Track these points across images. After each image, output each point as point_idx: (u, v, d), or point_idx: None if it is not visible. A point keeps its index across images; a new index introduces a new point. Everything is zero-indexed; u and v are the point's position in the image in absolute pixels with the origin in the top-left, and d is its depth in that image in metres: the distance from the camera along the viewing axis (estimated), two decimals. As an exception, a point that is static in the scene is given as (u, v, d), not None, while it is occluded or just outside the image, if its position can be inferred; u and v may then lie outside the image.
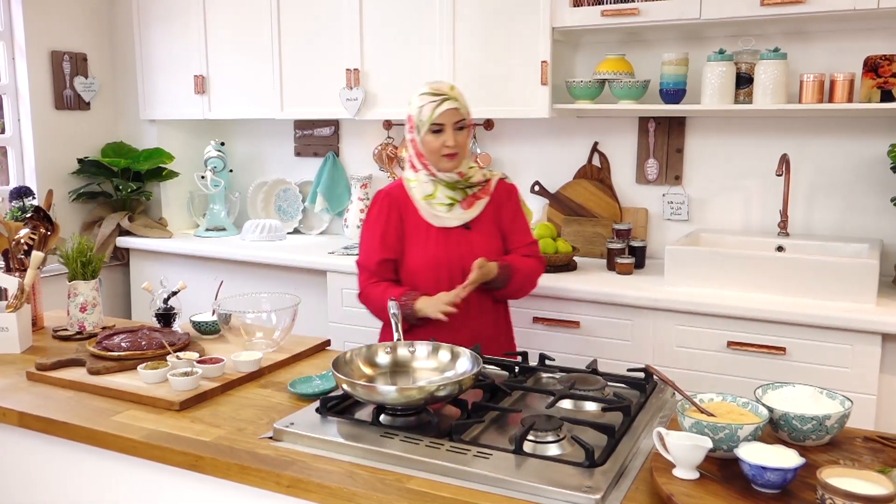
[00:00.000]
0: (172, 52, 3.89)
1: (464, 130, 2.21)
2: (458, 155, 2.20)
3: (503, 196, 2.33)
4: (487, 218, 2.29)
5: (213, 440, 1.53)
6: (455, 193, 2.25)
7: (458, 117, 2.18)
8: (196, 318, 2.20)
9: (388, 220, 2.26)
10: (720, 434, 1.32)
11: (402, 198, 2.28)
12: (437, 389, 1.51)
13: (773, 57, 2.71)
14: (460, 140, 2.19)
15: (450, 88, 2.22)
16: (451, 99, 2.18)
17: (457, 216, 2.25)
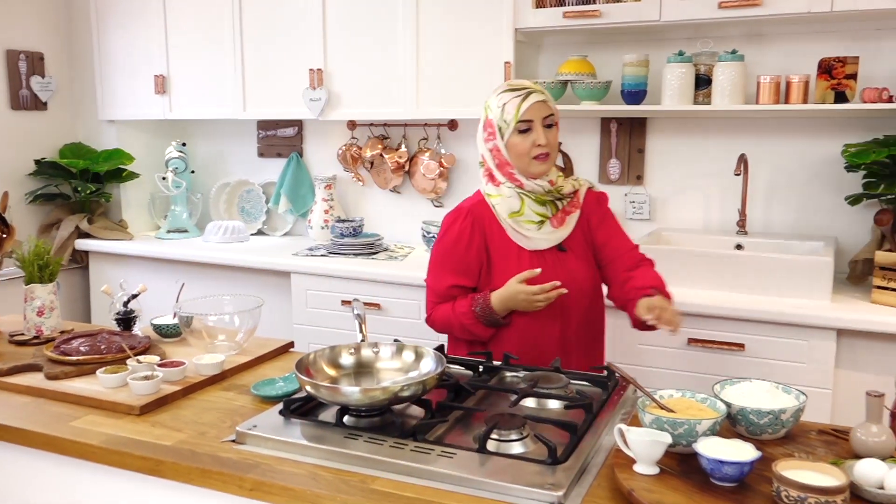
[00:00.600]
0: (132, 52, 3.83)
1: (553, 128, 1.98)
2: (549, 156, 1.96)
3: (592, 206, 2.07)
4: (579, 235, 2.04)
5: (174, 444, 1.51)
6: (545, 209, 1.99)
7: (546, 111, 1.95)
8: (157, 322, 2.17)
9: (471, 245, 2.00)
10: (679, 429, 1.34)
11: (486, 216, 2.02)
12: (400, 390, 1.51)
13: (730, 59, 2.76)
14: (551, 138, 1.97)
15: (533, 83, 2.00)
16: (536, 91, 1.95)
17: (548, 236, 1.99)
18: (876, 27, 2.75)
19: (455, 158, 3.52)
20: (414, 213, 3.68)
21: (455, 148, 3.56)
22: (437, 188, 3.56)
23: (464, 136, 3.53)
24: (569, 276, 1.99)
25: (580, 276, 2.01)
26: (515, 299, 1.95)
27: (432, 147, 3.57)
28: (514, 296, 1.94)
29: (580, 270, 2.02)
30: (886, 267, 2.44)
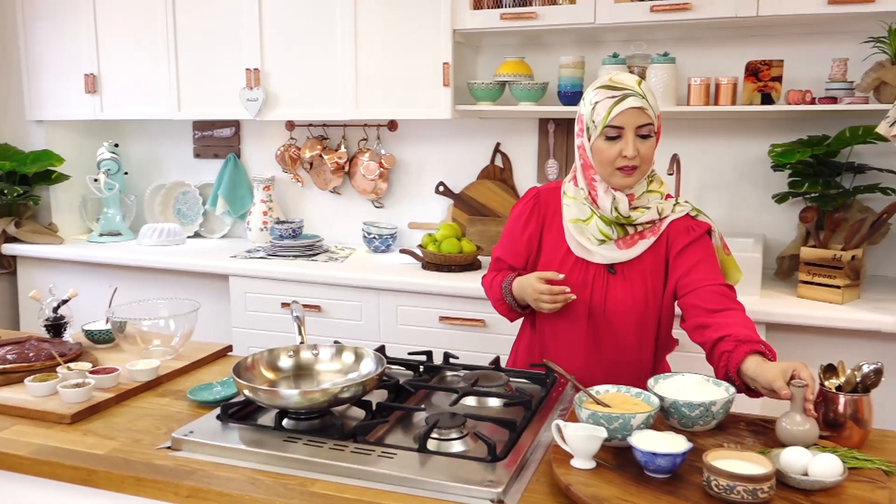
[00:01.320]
0: (61, 49, 3.72)
1: (650, 139, 1.73)
2: (637, 169, 1.74)
3: (679, 233, 1.80)
4: (651, 263, 1.82)
5: (107, 453, 1.47)
6: (610, 230, 1.81)
7: (642, 120, 1.71)
8: (88, 327, 2.11)
9: (525, 228, 1.92)
10: (615, 424, 1.37)
11: (552, 205, 1.90)
12: (340, 391, 1.50)
13: (662, 61, 2.83)
14: (643, 150, 1.72)
15: (636, 83, 1.73)
16: (635, 95, 1.70)
17: (607, 253, 1.81)
18: (800, 32, 2.86)
19: (395, 159, 3.52)
20: (354, 214, 3.66)
21: (395, 148, 3.56)
22: (378, 189, 3.55)
23: (404, 136, 3.54)
24: (604, 295, 1.83)
25: (618, 299, 1.83)
26: (526, 290, 1.83)
27: (372, 148, 3.57)
28: (526, 286, 1.83)
29: (621, 295, 1.83)
30: (811, 262, 2.54)
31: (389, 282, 2.96)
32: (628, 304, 1.83)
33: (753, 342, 1.60)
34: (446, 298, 2.87)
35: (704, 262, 1.78)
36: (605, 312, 1.84)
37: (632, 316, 1.84)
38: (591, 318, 1.86)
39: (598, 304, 1.84)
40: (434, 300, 2.89)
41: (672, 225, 1.82)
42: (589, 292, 1.84)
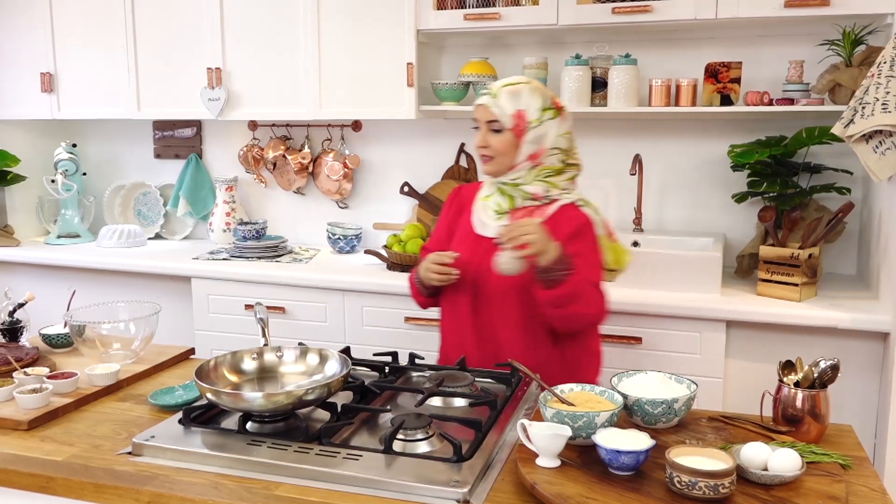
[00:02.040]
0: (15, 47, 3.63)
1: (500, 134, 1.95)
2: (492, 159, 1.97)
3: (564, 224, 1.92)
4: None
5: (66, 459, 1.44)
6: (504, 200, 1.99)
7: (490, 116, 1.95)
8: (46, 331, 2.07)
9: (445, 217, 2.15)
10: (579, 422, 1.38)
11: (468, 197, 2.13)
12: (305, 393, 1.49)
13: (624, 62, 2.86)
14: (494, 143, 1.95)
15: (503, 86, 1.97)
16: (488, 95, 1.97)
17: (498, 227, 1.91)
18: (757, 34, 2.91)
19: (359, 159, 3.51)
20: (319, 215, 3.64)
21: (359, 149, 3.54)
22: (342, 189, 3.54)
23: (368, 136, 3.52)
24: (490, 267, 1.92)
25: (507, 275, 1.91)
26: (422, 268, 2.01)
27: (336, 148, 3.55)
28: (422, 264, 2.01)
29: None
30: (770, 261, 2.59)
31: (354, 283, 2.94)
32: (510, 278, 1.90)
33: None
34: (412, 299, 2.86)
35: (579, 257, 1.87)
36: (489, 282, 1.97)
37: (514, 290, 1.94)
38: (477, 288, 1.99)
39: (483, 275, 1.97)
40: (399, 301, 2.88)
41: (559, 211, 1.97)
42: (476, 264, 1.98)
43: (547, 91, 2.01)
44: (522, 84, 1.99)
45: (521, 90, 1.97)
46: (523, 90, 1.97)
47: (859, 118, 2.25)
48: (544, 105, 1.97)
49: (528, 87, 1.98)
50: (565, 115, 2.02)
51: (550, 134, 1.97)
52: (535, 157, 1.96)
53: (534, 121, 1.95)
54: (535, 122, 1.95)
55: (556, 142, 1.98)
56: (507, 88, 1.97)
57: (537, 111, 1.96)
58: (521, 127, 1.95)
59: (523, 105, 1.95)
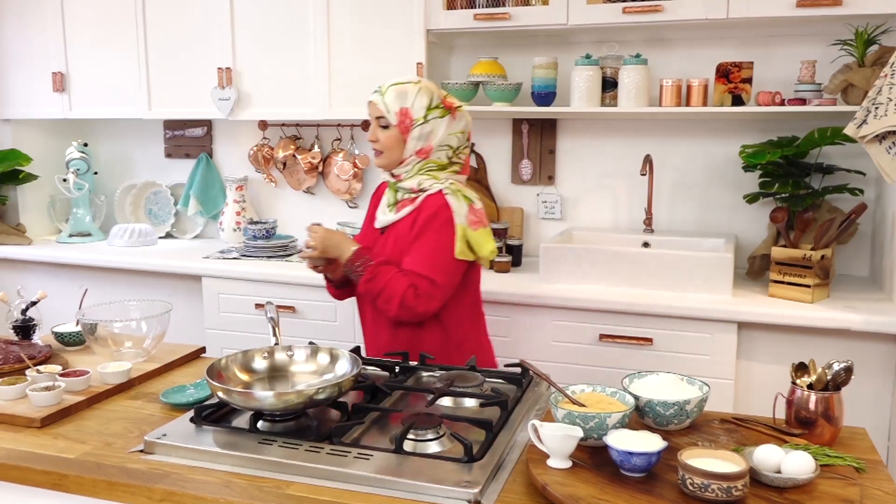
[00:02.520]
0: (28, 47, 3.65)
1: (388, 130, 2.08)
2: (382, 154, 2.11)
3: (425, 212, 2.04)
4: (403, 230, 2.08)
5: (78, 457, 1.45)
6: (391, 195, 2.14)
7: (376, 112, 2.10)
8: (58, 329, 2.08)
9: (370, 209, 2.27)
10: (590, 423, 1.38)
11: (382, 190, 2.25)
12: (315, 393, 1.49)
13: (634, 62, 2.85)
14: (383, 138, 2.09)
15: (392, 84, 2.10)
16: (376, 92, 2.10)
17: (385, 218, 2.13)
18: (769, 34, 2.90)
19: (369, 159, 3.51)
20: (328, 215, 3.64)
21: (369, 149, 3.54)
22: (352, 189, 3.54)
23: (378, 136, 3.52)
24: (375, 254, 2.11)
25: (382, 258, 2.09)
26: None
27: (346, 148, 3.55)
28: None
29: (382, 255, 2.08)
30: (782, 262, 2.58)
31: (364, 282, 2.94)
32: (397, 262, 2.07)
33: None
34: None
35: (423, 247, 2.02)
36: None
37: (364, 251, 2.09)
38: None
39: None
40: (409, 300, 2.88)
41: (425, 199, 2.07)
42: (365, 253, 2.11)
43: (438, 92, 2.12)
44: (411, 84, 2.10)
45: (408, 90, 2.09)
46: (410, 90, 2.09)
47: (872, 118, 2.24)
48: (431, 104, 2.08)
49: (416, 87, 2.10)
50: (458, 115, 2.12)
51: (438, 132, 2.08)
52: (423, 153, 2.09)
53: (419, 119, 2.07)
54: (420, 120, 2.07)
55: (446, 140, 2.09)
56: (395, 87, 2.09)
57: (422, 109, 2.07)
58: (405, 124, 2.07)
59: (408, 104, 2.07)
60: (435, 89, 2.12)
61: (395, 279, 1.99)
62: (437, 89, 2.13)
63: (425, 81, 2.13)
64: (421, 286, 1.98)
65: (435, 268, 2.01)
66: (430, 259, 2.01)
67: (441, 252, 2.01)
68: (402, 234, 2.07)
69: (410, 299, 1.97)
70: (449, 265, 2.02)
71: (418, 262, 2.01)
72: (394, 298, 1.97)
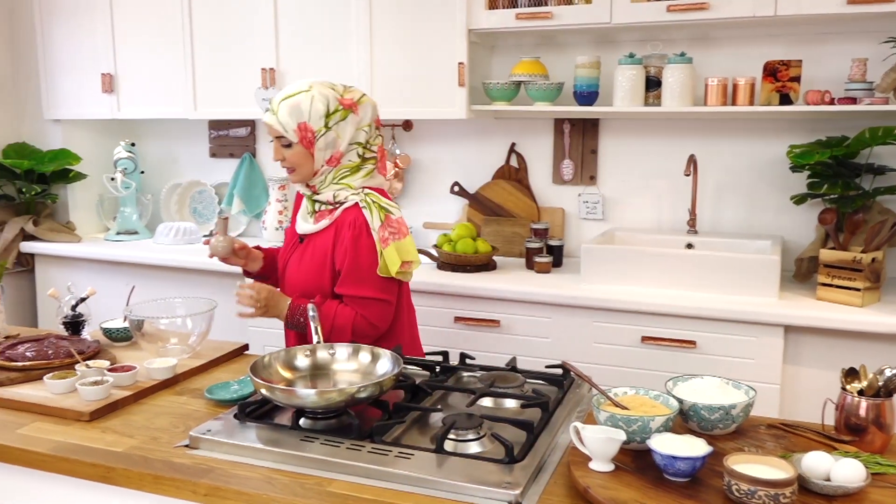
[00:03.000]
0: (78, 49, 3.74)
1: (292, 148, 1.98)
2: (294, 172, 2.02)
3: (344, 228, 1.98)
4: (321, 242, 2.03)
5: (126, 450, 1.48)
6: (308, 204, 2.09)
7: (274, 133, 1.99)
8: (106, 325, 2.13)
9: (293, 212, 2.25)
10: (633, 426, 1.36)
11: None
12: (357, 391, 1.50)
13: (679, 61, 2.81)
14: (289, 156, 1.99)
15: (282, 98, 1.97)
16: (269, 112, 1.98)
17: (304, 226, 2.08)
18: (818, 31, 2.83)
19: (410, 159, 3.52)
20: (369, 214, 3.66)
21: (410, 148, 3.55)
22: (393, 189, 3.55)
23: (419, 136, 3.53)
24: (293, 261, 2.10)
25: (299, 268, 2.07)
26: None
27: (387, 147, 3.57)
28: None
29: (300, 265, 2.07)
30: (830, 264, 2.52)
31: (404, 282, 2.95)
32: (301, 273, 2.07)
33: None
34: (461, 299, 2.87)
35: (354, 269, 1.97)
36: (286, 276, 2.12)
37: (296, 285, 2.07)
38: (282, 281, 2.15)
39: (282, 269, 2.15)
40: (450, 300, 2.88)
41: (343, 213, 2.01)
42: (285, 258, 2.14)
43: (332, 91, 1.98)
44: (302, 94, 1.96)
45: (300, 101, 1.95)
46: (302, 101, 1.95)
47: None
48: (329, 110, 1.96)
49: (308, 95, 1.96)
50: (359, 109, 2.00)
51: (344, 135, 1.98)
52: (334, 161, 2.00)
53: (320, 129, 1.96)
54: (322, 130, 1.96)
55: (354, 137, 2.00)
56: (287, 102, 1.95)
57: (321, 118, 1.95)
58: (308, 139, 1.97)
59: (304, 117, 1.95)
60: (328, 90, 1.98)
61: (340, 315, 1.95)
62: (330, 88, 1.99)
63: (316, 84, 1.98)
64: (367, 310, 1.97)
65: (371, 286, 1.97)
66: (363, 278, 1.97)
67: (371, 268, 1.97)
68: (322, 246, 2.02)
69: (362, 328, 1.97)
70: (376, 278, 1.98)
71: (353, 285, 1.97)
72: (345, 331, 1.94)
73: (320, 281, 2.02)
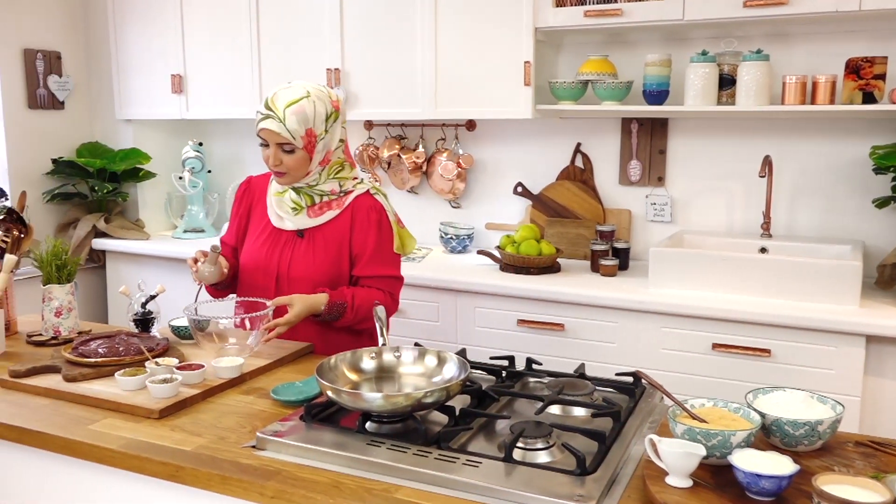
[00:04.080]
0: (149, 51, 3.82)
1: (294, 153, 2.00)
2: (286, 175, 2.03)
3: (361, 213, 2.09)
4: (332, 233, 2.09)
5: (194, 449, 1.48)
6: (300, 198, 2.09)
7: (279, 139, 1.98)
8: (175, 323, 2.15)
9: (239, 207, 2.24)
10: (713, 441, 1.30)
11: (260, 188, 2.22)
12: (424, 396, 1.47)
13: (755, 59, 2.71)
14: (288, 161, 2.00)
15: (286, 105, 1.96)
16: (273, 119, 1.97)
17: (298, 221, 2.10)
18: (905, 27, 2.70)
19: (473, 159, 3.49)
20: (432, 214, 3.65)
21: (473, 148, 3.52)
22: (455, 189, 3.53)
23: (482, 136, 3.50)
24: (293, 257, 2.10)
25: (304, 262, 2.09)
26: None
27: (450, 147, 3.54)
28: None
29: (306, 258, 2.09)
30: (916, 272, 2.39)
31: (467, 283, 2.92)
32: (308, 266, 2.08)
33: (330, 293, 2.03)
34: (525, 301, 2.82)
35: (373, 250, 2.09)
36: (290, 274, 2.10)
37: (309, 279, 2.08)
38: (279, 280, 2.12)
39: (285, 268, 2.11)
40: (513, 303, 2.84)
41: (356, 200, 2.10)
42: (278, 255, 2.12)
43: (323, 92, 2.03)
44: (304, 99, 1.98)
45: (305, 107, 1.98)
46: (307, 107, 1.98)
47: None
48: (328, 113, 2.03)
49: (309, 100, 1.99)
50: (341, 108, 2.08)
51: (335, 135, 2.07)
52: (325, 161, 2.07)
53: (321, 133, 2.02)
54: (323, 134, 2.02)
55: (340, 136, 2.08)
56: (292, 109, 1.96)
57: (322, 123, 2.02)
58: (312, 144, 2.01)
59: (310, 123, 1.99)
60: (320, 92, 2.02)
61: (371, 296, 2.05)
62: (320, 89, 2.03)
63: (312, 88, 2.01)
64: (393, 288, 2.15)
65: (395, 265, 2.16)
66: (389, 258, 2.13)
67: (390, 249, 2.12)
68: (335, 235, 2.09)
69: (390, 306, 2.11)
70: (397, 258, 2.16)
71: (381, 265, 2.11)
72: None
73: (338, 269, 2.10)
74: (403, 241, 2.18)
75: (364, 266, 2.10)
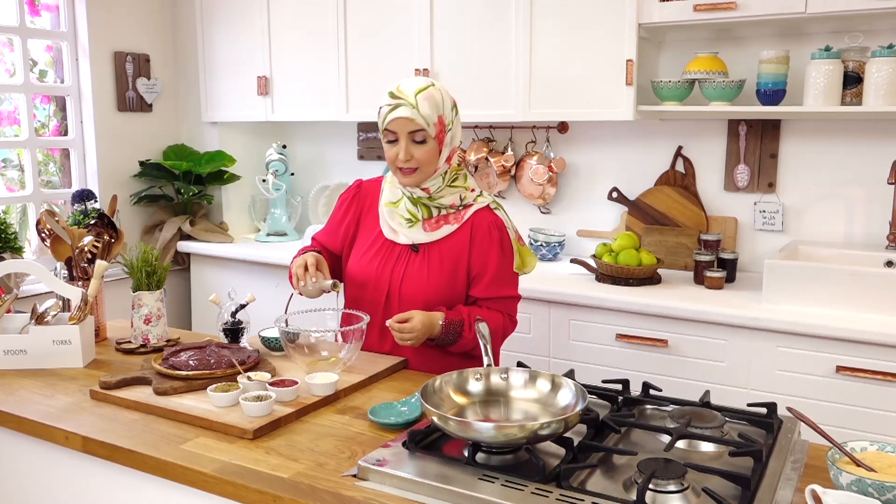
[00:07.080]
0: (235, 53, 3.80)
1: (425, 145, 1.90)
2: (416, 171, 1.92)
3: (482, 230, 1.97)
4: (450, 249, 1.98)
5: (292, 476, 1.38)
6: (417, 210, 1.99)
7: (413, 127, 1.88)
8: (265, 334, 2.06)
9: (346, 213, 2.12)
10: (888, 494, 1.12)
11: (372, 195, 2.11)
12: (540, 427, 1.34)
13: (886, 54, 2.47)
14: (419, 155, 1.90)
15: (416, 92, 1.88)
16: (406, 105, 1.87)
17: (412, 235, 1.99)
18: None
19: (565, 163, 3.33)
20: (520, 220, 3.48)
21: (565, 152, 3.36)
22: (546, 194, 3.37)
23: (575, 139, 3.34)
24: (406, 273, 1.99)
25: (418, 279, 1.97)
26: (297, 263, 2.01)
27: (541, 150, 3.39)
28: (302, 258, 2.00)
29: (421, 275, 1.98)
30: None
31: (561, 294, 2.77)
32: (422, 283, 1.96)
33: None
34: (624, 315, 2.65)
35: (494, 271, 1.97)
36: (401, 291, 1.98)
37: (422, 297, 1.96)
38: (389, 297, 2.00)
39: (396, 284, 1.99)
40: (611, 316, 2.67)
41: (476, 215, 1.98)
42: (390, 270, 2.00)
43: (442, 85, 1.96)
44: (432, 87, 1.92)
45: (434, 94, 1.91)
46: (435, 93, 1.91)
47: None
48: (452, 103, 1.96)
49: (436, 87, 1.92)
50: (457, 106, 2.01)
51: (458, 132, 1.99)
52: (449, 159, 1.97)
53: (449, 123, 1.94)
54: (450, 125, 1.94)
55: (459, 135, 2.00)
56: (423, 94, 1.88)
57: (451, 111, 1.95)
58: (442, 133, 1.92)
59: (441, 110, 1.91)
60: (442, 85, 1.96)
61: (490, 319, 1.91)
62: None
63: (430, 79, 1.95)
64: (511, 308, 2.04)
65: (514, 285, 2.05)
66: (509, 278, 2.02)
67: (510, 269, 2.01)
68: (453, 252, 1.98)
69: (508, 328, 2.03)
70: (516, 277, 2.05)
71: (501, 286, 2.00)
72: (496, 336, 1.94)
73: (454, 288, 1.99)
74: (524, 259, 2.06)
75: (484, 288, 1.99)
